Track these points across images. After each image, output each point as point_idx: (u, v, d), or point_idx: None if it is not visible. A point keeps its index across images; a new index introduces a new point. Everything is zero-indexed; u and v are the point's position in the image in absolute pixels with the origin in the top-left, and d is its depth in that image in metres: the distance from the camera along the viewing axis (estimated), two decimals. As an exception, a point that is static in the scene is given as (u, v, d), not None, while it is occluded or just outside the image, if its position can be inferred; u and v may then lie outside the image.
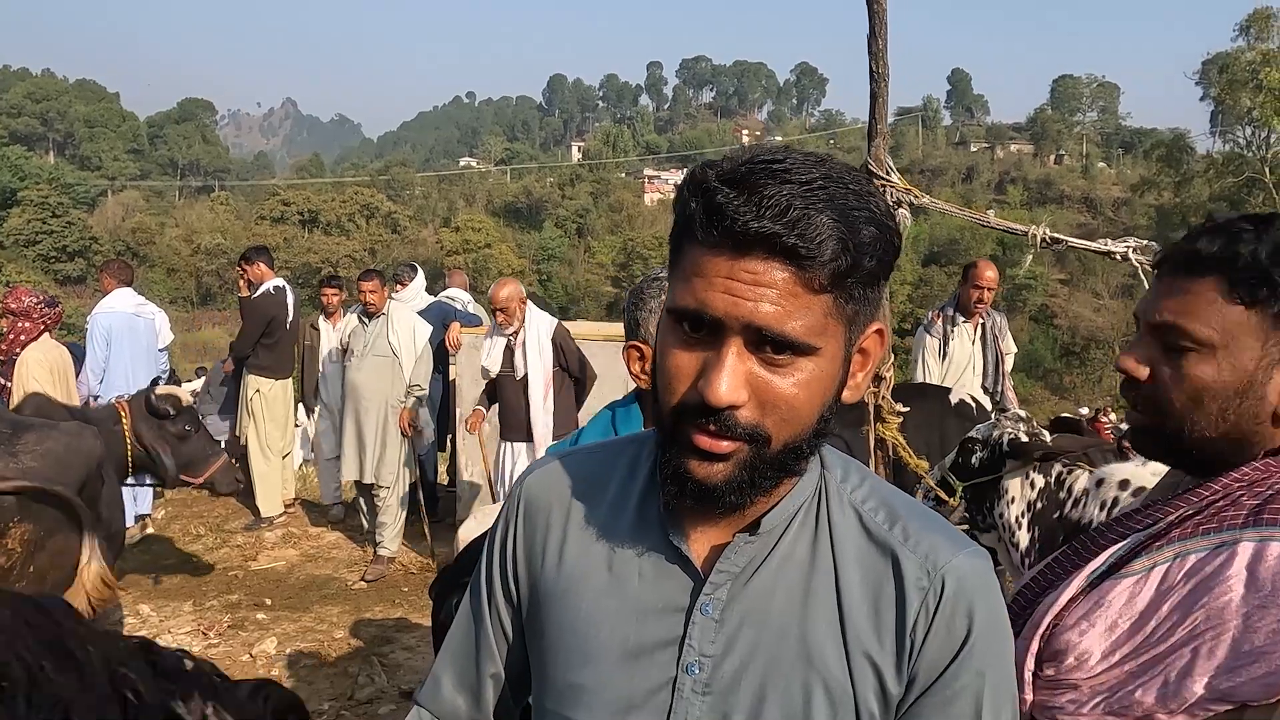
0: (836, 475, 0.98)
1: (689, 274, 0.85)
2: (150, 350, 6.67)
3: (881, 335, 0.92)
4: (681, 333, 0.87)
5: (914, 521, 0.95)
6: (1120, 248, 2.88)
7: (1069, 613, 1.14)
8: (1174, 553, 1.10)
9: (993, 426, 3.03)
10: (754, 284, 0.81)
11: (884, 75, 3.18)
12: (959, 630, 0.90)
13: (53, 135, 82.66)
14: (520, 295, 5.24)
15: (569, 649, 0.98)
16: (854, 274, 0.83)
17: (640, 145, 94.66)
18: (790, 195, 0.80)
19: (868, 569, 0.93)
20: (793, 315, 0.82)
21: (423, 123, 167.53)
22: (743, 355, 0.84)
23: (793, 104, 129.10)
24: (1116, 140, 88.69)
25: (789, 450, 0.88)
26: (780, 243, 0.80)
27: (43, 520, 3.08)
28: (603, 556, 0.99)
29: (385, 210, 62.59)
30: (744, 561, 0.94)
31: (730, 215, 0.81)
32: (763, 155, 0.85)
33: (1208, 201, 39.53)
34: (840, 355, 0.87)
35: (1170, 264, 1.16)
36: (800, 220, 0.80)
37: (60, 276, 49.56)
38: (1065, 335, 50.73)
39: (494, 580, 1.08)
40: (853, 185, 0.84)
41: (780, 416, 0.86)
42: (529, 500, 1.07)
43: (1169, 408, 1.15)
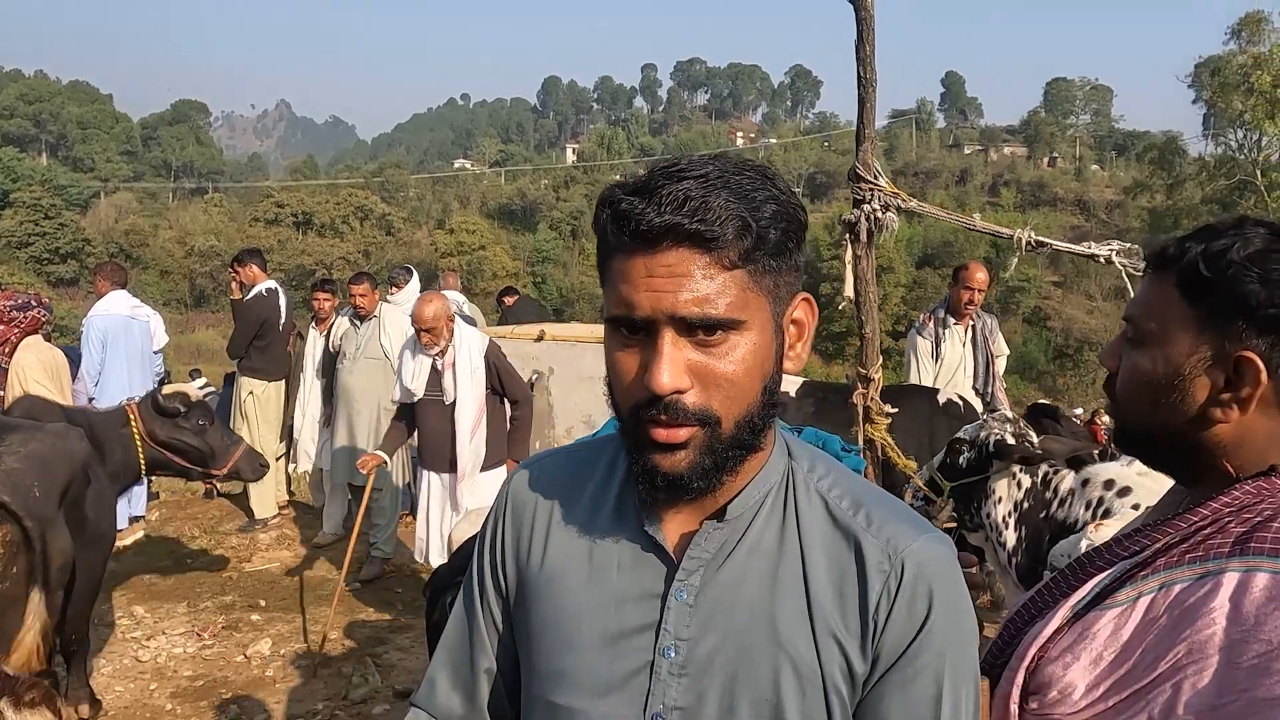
0: (804, 466, 1.04)
1: (615, 281, 0.92)
2: (145, 353, 6.68)
3: (810, 304, 0.99)
4: (621, 337, 0.94)
5: (877, 509, 0.99)
6: (1104, 251, 2.92)
7: (1054, 644, 1.13)
8: (1159, 582, 1.08)
9: (980, 427, 3.07)
10: (669, 275, 0.88)
11: (872, 81, 3.23)
12: (919, 611, 0.94)
13: (45, 137, 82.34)
14: (447, 313, 4.79)
15: (553, 638, 1.03)
16: (762, 247, 0.89)
17: (635, 147, 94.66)
18: (687, 188, 0.88)
19: (833, 554, 0.98)
20: (712, 296, 0.88)
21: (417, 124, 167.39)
22: (677, 343, 0.90)
23: (787, 106, 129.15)
24: (1109, 143, 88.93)
25: (742, 426, 0.94)
26: (683, 229, 0.87)
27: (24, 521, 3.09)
28: (584, 549, 1.04)
29: (379, 212, 62.51)
30: (714, 548, 0.99)
31: (634, 216, 0.88)
32: (662, 164, 0.93)
33: (1200, 204, 39.66)
34: (770, 326, 0.94)
35: (1148, 260, 1.20)
36: (700, 207, 0.87)
37: (53, 278, 49.39)
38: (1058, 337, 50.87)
39: (485, 576, 1.13)
40: (749, 170, 0.92)
41: (725, 394, 0.92)
42: (515, 498, 1.12)
43: (1117, 396, 1.19)
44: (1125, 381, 1.17)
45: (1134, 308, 1.17)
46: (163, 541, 6.62)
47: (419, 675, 4.58)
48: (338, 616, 5.34)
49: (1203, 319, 1.08)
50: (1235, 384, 1.06)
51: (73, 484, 3.39)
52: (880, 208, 3.14)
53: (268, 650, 4.86)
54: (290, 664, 4.75)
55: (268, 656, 4.81)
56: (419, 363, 4.86)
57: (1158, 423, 1.14)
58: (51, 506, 3.24)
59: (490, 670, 1.14)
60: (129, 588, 5.72)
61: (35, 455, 3.22)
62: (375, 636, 5.11)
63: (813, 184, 75.55)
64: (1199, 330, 1.08)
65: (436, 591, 2.62)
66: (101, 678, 4.51)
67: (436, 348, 4.74)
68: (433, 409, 4.86)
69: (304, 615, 5.39)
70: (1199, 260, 1.09)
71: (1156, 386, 1.12)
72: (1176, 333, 1.10)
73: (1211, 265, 1.07)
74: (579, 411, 6.36)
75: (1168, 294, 1.12)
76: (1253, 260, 1.05)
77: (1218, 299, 1.07)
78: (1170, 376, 1.11)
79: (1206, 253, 1.08)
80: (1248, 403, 1.06)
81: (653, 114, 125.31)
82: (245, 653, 4.83)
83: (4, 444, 3.17)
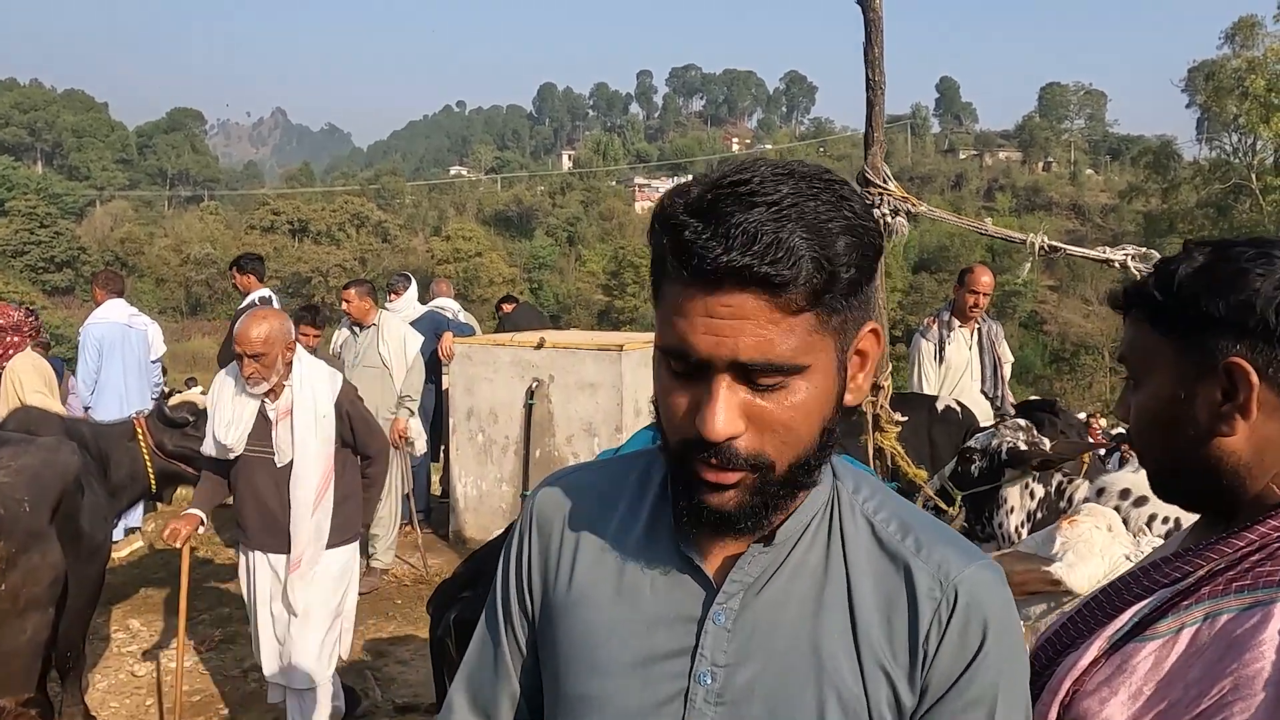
0: (849, 487, 0.99)
1: (670, 312, 0.86)
2: (142, 362, 6.62)
3: (877, 335, 0.91)
4: (671, 368, 0.88)
5: (926, 533, 0.95)
6: (1119, 256, 2.88)
7: (1089, 677, 1.08)
8: (1204, 612, 1.02)
9: (991, 435, 3.02)
10: (732, 317, 0.81)
11: (880, 84, 3.18)
12: (972, 641, 0.91)
13: (41, 145, 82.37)
14: (284, 338, 3.49)
15: (580, 661, 0.99)
16: (832, 288, 0.82)
17: (630, 154, 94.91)
18: (758, 220, 0.79)
19: (880, 579, 0.94)
20: (776, 342, 0.81)
21: (413, 132, 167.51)
22: (733, 387, 0.84)
23: (782, 112, 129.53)
24: (1104, 147, 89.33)
25: (796, 468, 0.89)
26: (752, 274, 0.79)
27: (15, 536, 3.04)
28: (614, 569, 0.99)
29: (375, 219, 62.52)
30: (757, 571, 0.94)
31: (698, 252, 0.80)
32: (729, 176, 0.84)
33: (1195, 208, 39.83)
34: (833, 365, 0.87)
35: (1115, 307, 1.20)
36: (771, 245, 0.79)
37: (48, 287, 49.33)
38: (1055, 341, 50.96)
39: (509, 597, 1.08)
40: (824, 194, 0.83)
41: (780, 440, 0.86)
42: (541, 515, 1.07)
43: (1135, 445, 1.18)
44: (1135, 424, 1.16)
45: (1124, 350, 1.18)
46: (159, 553, 6.55)
47: (420, 689, 4.51)
48: (337, 629, 5.27)
49: (1179, 344, 1.08)
50: (1230, 394, 1.05)
51: (65, 498, 3.34)
52: (890, 212, 3.10)
53: (266, 664, 4.79)
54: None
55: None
56: (240, 405, 3.56)
57: (1175, 455, 1.12)
58: (42, 521, 3.18)
59: (514, 695, 1.09)
60: (125, 601, 5.65)
61: (26, 469, 3.17)
62: (374, 650, 5.04)
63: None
64: (1180, 356, 1.08)
65: (440, 607, 2.56)
66: (97, 693, 4.44)
67: (264, 384, 3.49)
68: (259, 469, 3.59)
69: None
70: (1154, 290, 1.10)
71: (1162, 420, 1.11)
72: (1161, 364, 1.10)
73: (1165, 291, 1.09)
74: (579, 419, 6.31)
75: (1141, 330, 1.13)
76: (1199, 274, 1.07)
77: (1184, 320, 1.07)
78: (1171, 406, 1.10)
79: (1158, 282, 1.10)
80: (1248, 407, 1.04)
81: (648, 120, 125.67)
82: (242, 666, 4.76)
83: (-5, 458, 3.12)
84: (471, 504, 6.64)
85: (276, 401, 3.55)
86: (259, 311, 3.58)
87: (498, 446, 6.55)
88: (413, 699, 4.40)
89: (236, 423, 3.56)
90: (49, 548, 3.19)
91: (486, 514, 6.60)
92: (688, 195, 0.84)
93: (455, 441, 6.67)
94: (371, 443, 3.82)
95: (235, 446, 3.57)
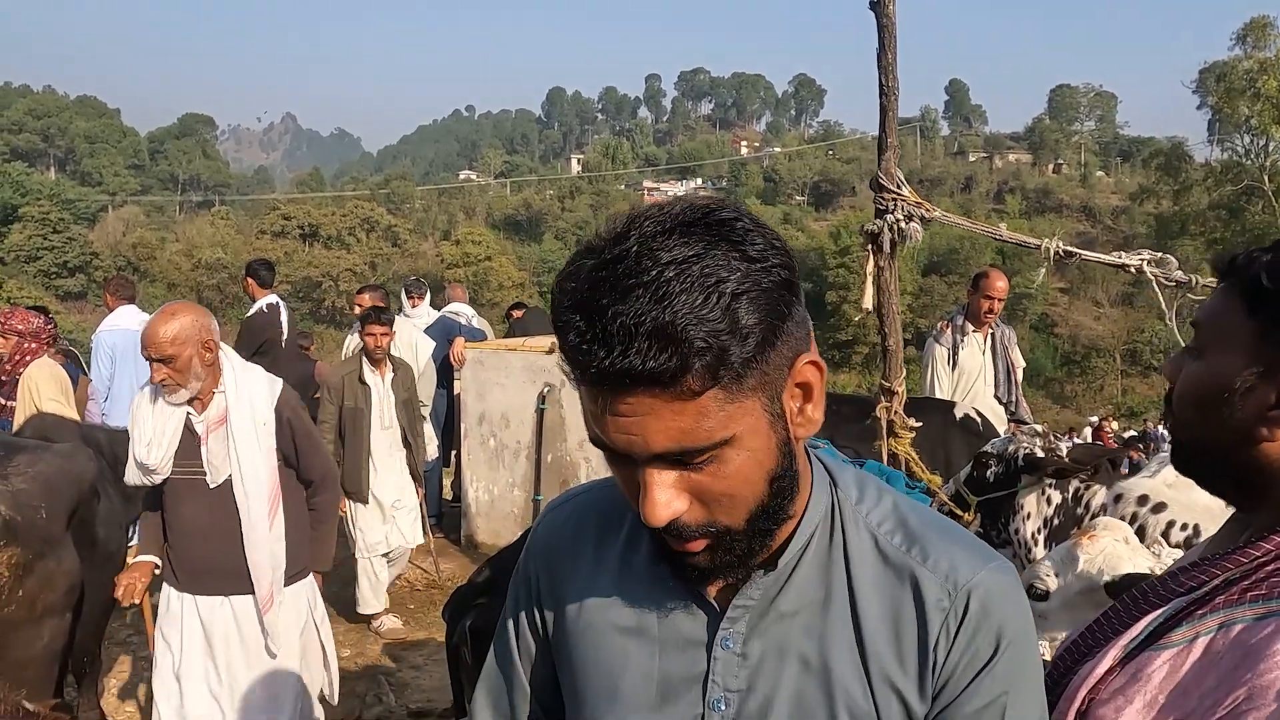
0: (851, 496, 0.97)
1: (584, 405, 0.83)
2: (154, 368, 6.64)
3: (817, 366, 0.86)
4: (604, 451, 0.86)
5: (933, 538, 0.94)
6: (1135, 261, 2.86)
7: (1104, 686, 1.07)
8: (1219, 621, 1.01)
9: (1008, 441, 3.00)
10: (634, 415, 0.78)
11: (893, 89, 3.18)
12: (983, 649, 0.90)
13: (54, 151, 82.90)
14: (199, 336, 2.95)
15: (596, 687, 0.99)
16: (729, 360, 0.77)
17: (639, 157, 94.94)
18: (636, 311, 0.75)
19: (885, 594, 0.93)
20: (687, 429, 0.78)
21: (422, 136, 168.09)
22: (663, 471, 0.82)
23: (791, 115, 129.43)
24: (1114, 149, 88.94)
25: (756, 520, 0.87)
26: (637, 375, 0.75)
27: (31, 543, 3.04)
28: (622, 593, 0.99)
29: (385, 224, 62.69)
30: (758, 594, 0.94)
31: (584, 361, 0.77)
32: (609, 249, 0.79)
33: (1207, 210, 39.59)
34: (764, 421, 0.83)
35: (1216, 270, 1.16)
36: (652, 338, 0.74)
37: (61, 292, 49.57)
38: (1066, 344, 50.74)
39: (520, 619, 1.09)
40: (713, 249, 0.78)
41: (726, 508, 0.85)
42: (549, 538, 1.08)
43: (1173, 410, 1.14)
44: (1180, 392, 1.13)
45: (1200, 314, 1.13)
46: (172, 558, 6.57)
47: (433, 694, 4.52)
48: (348, 635, 5.28)
49: (1261, 332, 1.04)
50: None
51: (81, 504, 3.35)
52: (904, 218, 3.09)
53: (279, 669, 4.80)
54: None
55: (279, 675, 4.75)
56: (162, 420, 3.02)
57: (1207, 437, 1.09)
58: (59, 528, 3.19)
59: (534, 715, 1.11)
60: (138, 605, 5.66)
61: (42, 476, 3.17)
62: (388, 654, 5.04)
63: (817, 192, 75.62)
64: (1256, 343, 1.04)
65: (455, 615, 2.56)
66: (112, 698, 4.45)
67: (182, 392, 2.96)
68: (189, 494, 3.05)
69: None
70: (1263, 272, 1.04)
71: (1207, 398, 1.08)
72: (1233, 344, 1.06)
73: (1275, 278, 1.03)
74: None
75: (1231, 304, 1.07)
76: None
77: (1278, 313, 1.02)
78: (1222, 388, 1.06)
79: (1271, 264, 1.04)
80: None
81: (657, 124, 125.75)
82: (256, 672, 4.77)
83: (11, 465, 3.13)
84: (483, 509, 6.65)
85: (204, 412, 3.02)
86: (169, 307, 3.06)
87: (509, 451, 6.55)
88: (426, 704, 4.40)
89: (159, 440, 3.00)
90: (65, 554, 3.20)
91: (498, 519, 6.60)
92: (575, 281, 0.80)
93: (467, 446, 6.68)
94: (316, 463, 3.26)
95: (160, 468, 3.03)
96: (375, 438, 5.25)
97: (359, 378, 5.23)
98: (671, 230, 0.79)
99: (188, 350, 2.91)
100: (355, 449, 5.19)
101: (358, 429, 5.19)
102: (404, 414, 5.35)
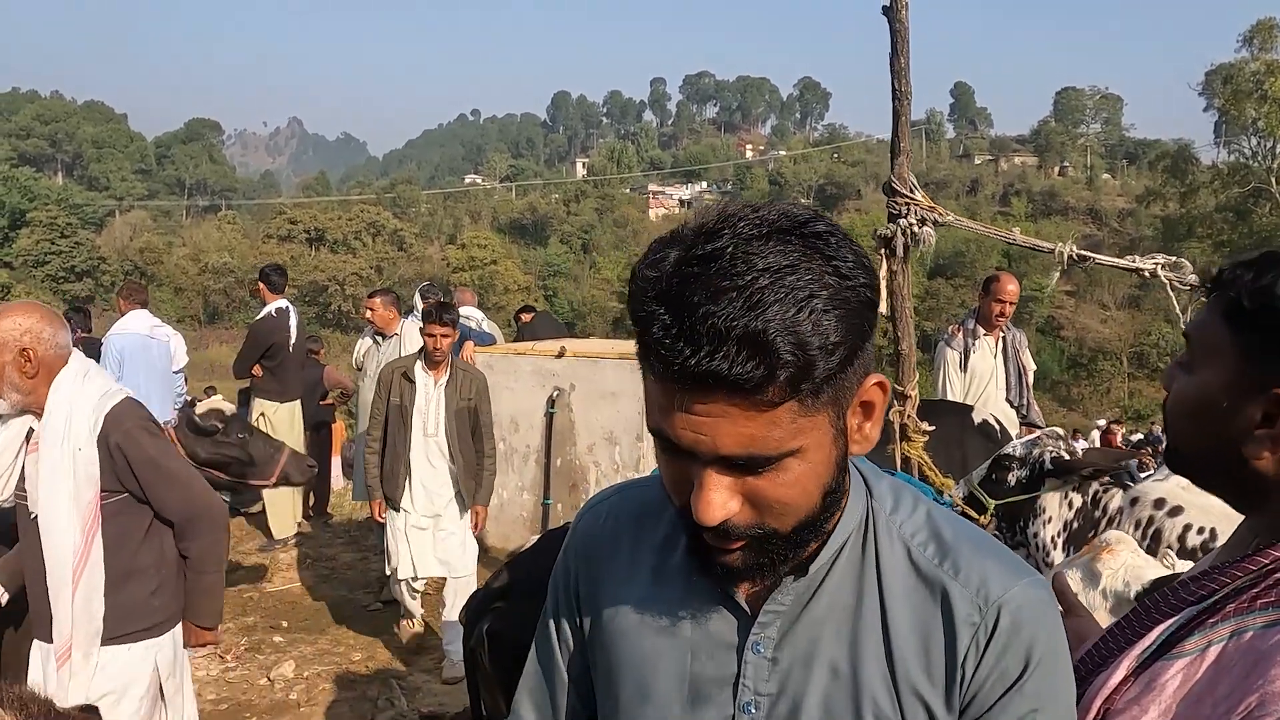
0: (886, 506, 0.98)
1: (650, 396, 0.83)
2: (165, 373, 6.66)
3: (883, 386, 0.87)
4: (663, 447, 0.86)
5: (966, 552, 0.94)
6: (1149, 265, 2.86)
7: (1119, 696, 1.08)
8: (1230, 630, 1.02)
9: (1032, 444, 3.00)
10: (708, 416, 0.78)
11: (906, 93, 3.19)
12: (1012, 666, 0.90)
13: (61, 156, 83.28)
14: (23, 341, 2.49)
15: (629, 687, 1.00)
16: (812, 375, 0.77)
17: (644, 161, 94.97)
18: (728, 313, 0.75)
19: (916, 607, 0.93)
20: (758, 436, 0.79)
21: (428, 140, 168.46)
22: (722, 473, 0.82)
23: (796, 118, 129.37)
24: (1120, 151, 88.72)
25: (800, 530, 0.88)
26: (721, 379, 0.75)
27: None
28: (656, 594, 1.00)
29: (391, 228, 62.82)
30: (789, 600, 0.94)
31: (666, 356, 0.77)
32: (700, 244, 0.79)
33: (1214, 212, 39.46)
34: (829, 436, 0.84)
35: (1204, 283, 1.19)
36: (741, 343, 0.74)
37: (69, 297, 49.72)
38: (1072, 347, 50.60)
39: (560, 615, 1.10)
40: (806, 262, 0.78)
41: (778, 514, 0.85)
42: (586, 539, 1.09)
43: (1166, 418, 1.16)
44: (1173, 403, 1.15)
45: (1191, 328, 1.15)
46: (183, 562, 6.58)
47: (444, 697, 4.52)
48: (360, 638, 5.30)
49: (1245, 349, 1.05)
50: (1271, 420, 1.02)
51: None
52: (917, 222, 3.09)
53: (291, 672, 4.81)
54: (314, 686, 4.70)
55: (291, 679, 4.76)
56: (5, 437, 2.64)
57: (1202, 448, 1.11)
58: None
59: (575, 712, 1.12)
60: None
61: None
62: (399, 658, 5.05)
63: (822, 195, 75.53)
64: (1241, 360, 1.05)
65: (472, 618, 2.57)
66: None
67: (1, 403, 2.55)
68: (25, 523, 2.63)
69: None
70: (1243, 293, 1.05)
71: (1198, 411, 1.09)
72: (1219, 360, 1.07)
73: (1255, 298, 1.04)
74: (600, 428, 6.31)
75: (1216, 317, 1.09)
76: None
77: (1259, 333, 1.03)
78: (1211, 403, 1.07)
79: (1253, 285, 1.05)
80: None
81: (662, 127, 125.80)
82: (269, 675, 4.79)
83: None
84: (493, 512, 6.60)
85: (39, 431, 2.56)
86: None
87: (519, 455, 6.56)
88: (439, 707, 4.41)
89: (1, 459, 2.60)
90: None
91: (508, 522, 6.61)
92: (658, 270, 0.79)
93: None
94: (171, 500, 2.62)
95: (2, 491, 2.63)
96: (415, 443, 4.87)
97: (406, 374, 4.94)
98: (768, 236, 0.79)
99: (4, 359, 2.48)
100: (393, 450, 4.90)
101: (398, 429, 4.90)
102: (456, 424, 4.88)
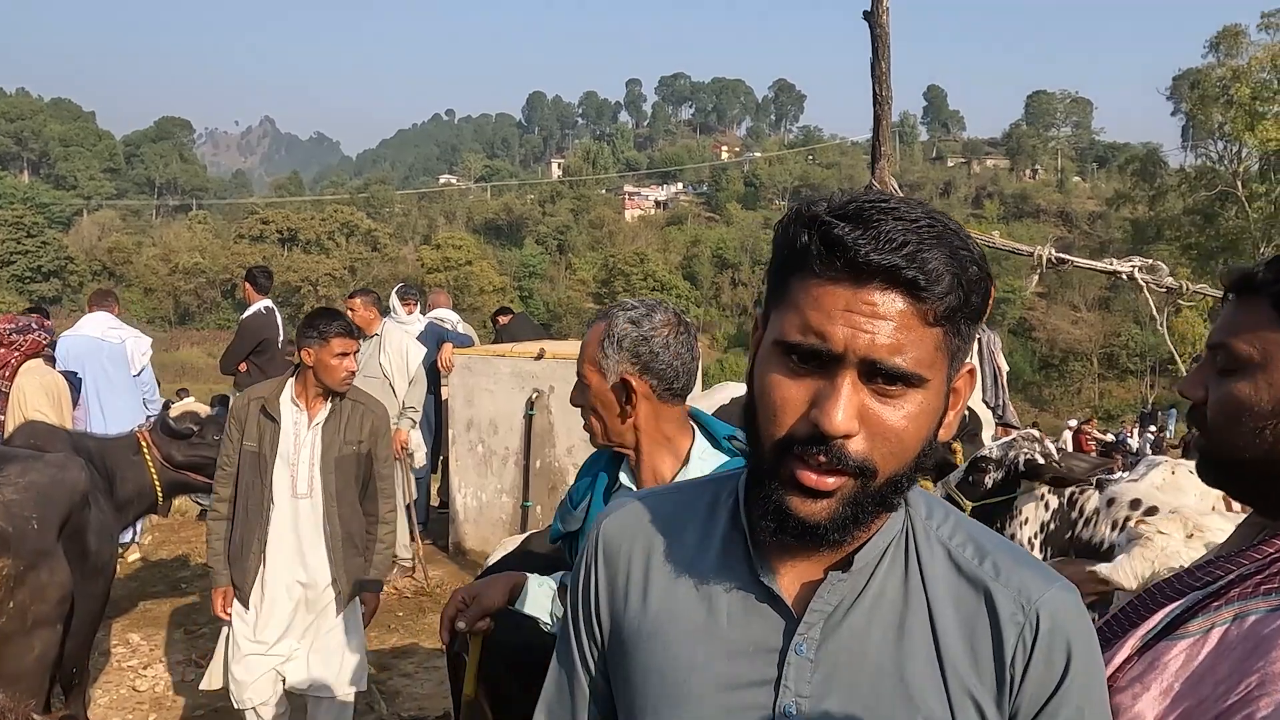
0: (921, 512, 0.99)
1: (803, 307, 0.87)
2: (122, 375, 6.47)
3: (972, 375, 0.95)
4: (790, 364, 0.88)
5: (1003, 557, 0.96)
6: (1126, 268, 2.90)
7: (1122, 674, 1.11)
8: (1233, 613, 1.05)
9: (1008, 446, 3.02)
10: (872, 315, 0.84)
11: (888, 98, 3.20)
12: (1058, 664, 0.92)
13: (27, 154, 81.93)
14: None
15: (658, 692, 0.98)
16: (964, 310, 0.86)
17: (620, 162, 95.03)
18: (905, 231, 0.83)
19: (961, 605, 0.94)
20: (908, 347, 0.84)
21: (402, 140, 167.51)
22: (857, 386, 0.85)
23: (771, 120, 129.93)
24: (1090, 155, 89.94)
25: (891, 484, 0.89)
26: (901, 275, 0.83)
27: (23, 554, 3.01)
28: (689, 598, 0.99)
29: (365, 228, 62.44)
30: (836, 599, 0.94)
31: (850, 247, 0.83)
32: (869, 196, 0.88)
33: (1182, 215, 40.03)
34: (943, 390, 0.90)
35: (1232, 286, 1.16)
36: (918, 254, 0.83)
37: (35, 297, 48.96)
38: (1043, 348, 51.24)
39: (579, 627, 1.09)
40: (953, 226, 0.87)
41: (889, 449, 0.87)
42: (607, 543, 1.07)
43: (1209, 426, 1.16)
44: (1221, 411, 1.14)
45: (1225, 334, 1.14)
46: (158, 566, 6.51)
47: (425, 701, 4.49)
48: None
49: None
50: None
51: (73, 514, 3.31)
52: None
53: (268, 678, 4.76)
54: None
55: (269, 685, 4.71)
56: None
57: (1260, 453, 1.11)
58: (50, 538, 3.16)
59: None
60: (125, 614, 5.61)
61: (34, 486, 3.14)
62: (378, 662, 5.00)
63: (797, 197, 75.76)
64: None
65: (457, 622, 2.55)
66: (98, 709, 4.40)
67: None
68: None
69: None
70: None
71: (1261, 414, 1.09)
72: (1274, 364, 1.08)
73: None
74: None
75: (1264, 319, 1.09)
76: None
77: None
78: (1273, 409, 1.08)
79: None
80: None
81: (637, 129, 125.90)
82: (246, 681, 4.73)
83: (2, 474, 3.09)
84: (471, 515, 6.62)
85: None
86: None
87: (498, 457, 6.53)
88: (419, 712, 4.38)
89: None
90: (57, 565, 3.16)
91: (486, 525, 6.58)
92: (830, 202, 0.88)
93: (455, 452, 6.65)
94: None
95: None
96: (278, 507, 3.39)
97: (265, 408, 3.36)
98: (920, 205, 0.88)
99: None
100: (244, 518, 3.40)
101: (253, 486, 3.38)
102: (338, 479, 3.39)
